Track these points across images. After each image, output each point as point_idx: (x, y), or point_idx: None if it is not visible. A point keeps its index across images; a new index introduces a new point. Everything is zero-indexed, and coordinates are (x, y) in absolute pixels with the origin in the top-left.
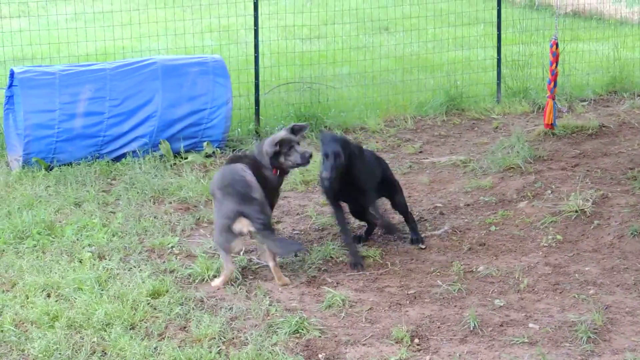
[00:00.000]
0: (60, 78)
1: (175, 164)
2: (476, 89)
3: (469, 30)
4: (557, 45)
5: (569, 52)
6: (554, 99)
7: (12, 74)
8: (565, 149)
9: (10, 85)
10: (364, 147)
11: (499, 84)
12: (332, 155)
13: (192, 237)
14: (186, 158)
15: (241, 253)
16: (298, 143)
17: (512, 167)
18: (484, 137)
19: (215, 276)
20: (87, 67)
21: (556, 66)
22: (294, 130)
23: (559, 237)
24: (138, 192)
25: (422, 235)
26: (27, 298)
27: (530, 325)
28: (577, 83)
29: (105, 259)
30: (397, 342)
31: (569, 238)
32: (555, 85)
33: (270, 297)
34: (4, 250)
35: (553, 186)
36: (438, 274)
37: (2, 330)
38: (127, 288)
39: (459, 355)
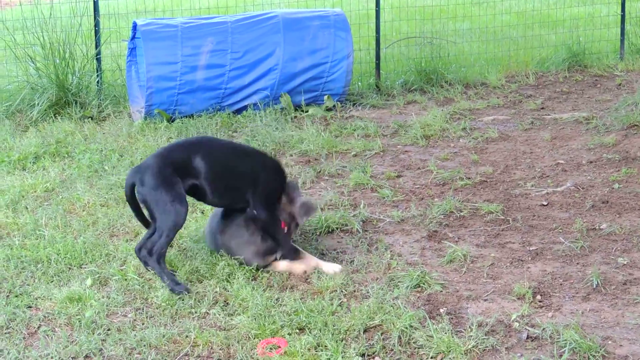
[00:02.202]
0: (182, 31)
1: (295, 117)
2: (599, 45)
3: None
4: None
5: None
6: None
7: (134, 27)
8: None
9: (133, 38)
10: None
11: (622, 41)
12: None
13: (312, 190)
14: (307, 111)
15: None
16: None
17: (636, 125)
18: (607, 94)
19: (339, 229)
20: (209, 20)
21: None
22: None
23: None
24: (259, 144)
25: (544, 192)
26: None
27: None
28: None
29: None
30: (519, 299)
31: None
32: None
33: (391, 251)
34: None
35: None
36: (560, 230)
37: (126, 279)
38: None
39: (582, 313)
